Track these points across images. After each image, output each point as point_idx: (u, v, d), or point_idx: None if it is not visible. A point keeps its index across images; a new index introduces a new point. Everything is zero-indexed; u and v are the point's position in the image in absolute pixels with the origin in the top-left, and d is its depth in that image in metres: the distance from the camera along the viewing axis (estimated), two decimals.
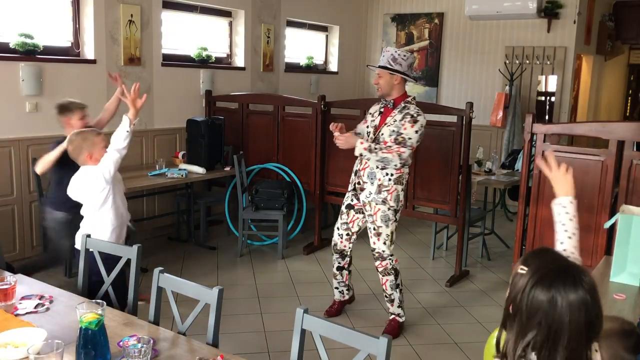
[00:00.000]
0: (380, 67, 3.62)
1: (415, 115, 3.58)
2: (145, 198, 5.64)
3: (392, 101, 3.66)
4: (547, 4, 7.01)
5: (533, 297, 1.29)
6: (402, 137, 3.55)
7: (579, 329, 1.26)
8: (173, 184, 5.08)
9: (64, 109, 3.88)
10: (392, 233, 3.69)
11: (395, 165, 3.59)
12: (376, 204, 3.65)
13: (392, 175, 3.62)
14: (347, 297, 4.12)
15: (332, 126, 3.65)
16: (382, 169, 3.62)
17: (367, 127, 3.77)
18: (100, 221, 3.16)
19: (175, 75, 5.86)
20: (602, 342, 1.54)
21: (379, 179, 3.62)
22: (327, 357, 1.92)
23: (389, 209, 3.64)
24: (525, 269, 1.34)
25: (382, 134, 3.62)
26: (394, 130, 3.57)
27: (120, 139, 3.11)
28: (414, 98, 3.74)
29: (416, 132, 3.55)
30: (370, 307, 4.23)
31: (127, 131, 3.11)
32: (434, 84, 8.09)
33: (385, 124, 3.63)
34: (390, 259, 3.71)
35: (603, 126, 3.47)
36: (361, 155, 3.60)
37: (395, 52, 3.63)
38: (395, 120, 3.59)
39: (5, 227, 4.58)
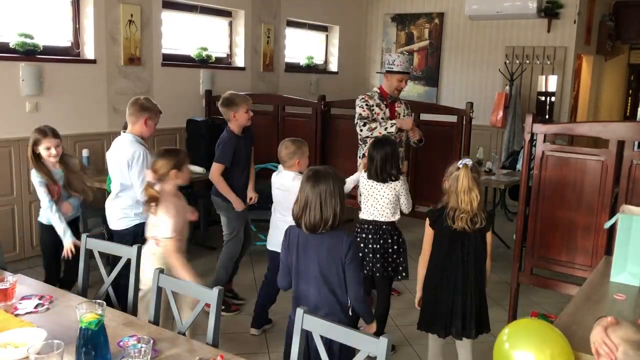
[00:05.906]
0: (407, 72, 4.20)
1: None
2: None
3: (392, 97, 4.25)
4: (547, 4, 7.01)
5: None
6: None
7: None
8: None
9: None
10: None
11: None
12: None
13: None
14: None
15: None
16: None
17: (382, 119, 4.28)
18: None
19: (175, 75, 5.85)
20: (633, 354, 1.52)
21: None
22: (327, 357, 1.92)
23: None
24: None
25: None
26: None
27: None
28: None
29: None
30: None
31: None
32: (434, 84, 8.09)
33: (398, 114, 4.26)
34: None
35: (603, 126, 3.46)
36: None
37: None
38: (404, 109, 4.30)
39: (5, 227, 4.59)
